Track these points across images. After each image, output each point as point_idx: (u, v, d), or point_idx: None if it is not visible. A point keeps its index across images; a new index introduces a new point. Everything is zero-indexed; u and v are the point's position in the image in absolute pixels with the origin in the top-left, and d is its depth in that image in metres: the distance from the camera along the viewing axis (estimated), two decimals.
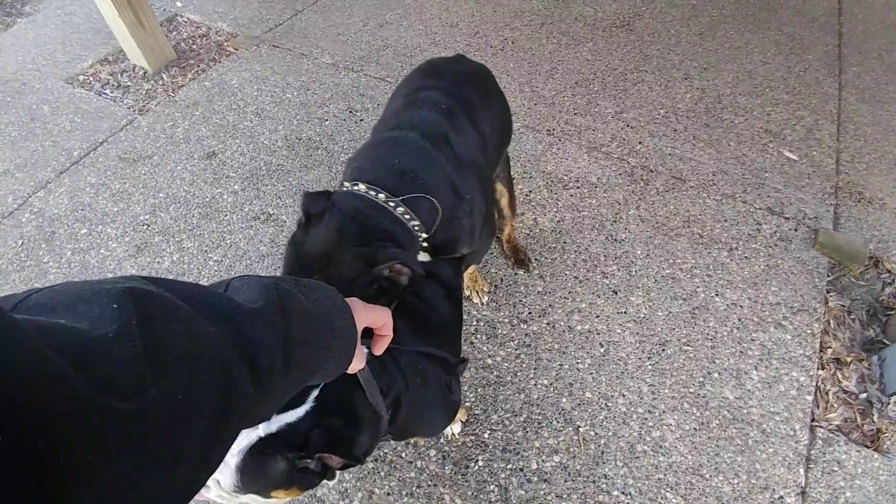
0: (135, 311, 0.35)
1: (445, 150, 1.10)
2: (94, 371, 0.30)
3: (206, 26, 2.92)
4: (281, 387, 0.48)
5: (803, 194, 2.02)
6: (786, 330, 1.62)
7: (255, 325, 0.45)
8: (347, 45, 2.76)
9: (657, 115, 2.35)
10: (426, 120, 1.12)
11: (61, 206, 2.05)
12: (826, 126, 2.30)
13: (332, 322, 0.57)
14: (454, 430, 1.43)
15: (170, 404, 0.34)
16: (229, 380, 0.40)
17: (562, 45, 2.74)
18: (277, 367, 0.46)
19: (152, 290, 0.38)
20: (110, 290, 0.36)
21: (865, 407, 1.48)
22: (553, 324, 1.66)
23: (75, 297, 0.35)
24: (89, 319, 0.33)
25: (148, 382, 0.33)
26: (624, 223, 1.92)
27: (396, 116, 1.16)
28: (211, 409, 0.37)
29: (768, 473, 1.35)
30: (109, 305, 0.34)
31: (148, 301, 0.37)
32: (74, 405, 0.28)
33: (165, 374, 0.34)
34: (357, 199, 1.00)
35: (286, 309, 0.49)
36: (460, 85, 1.22)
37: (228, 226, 1.95)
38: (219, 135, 2.30)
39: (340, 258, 0.93)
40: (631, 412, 1.47)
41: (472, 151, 1.17)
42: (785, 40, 2.76)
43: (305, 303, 0.53)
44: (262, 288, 0.49)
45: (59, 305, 0.35)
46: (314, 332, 0.53)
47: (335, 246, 0.94)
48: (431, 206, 1.05)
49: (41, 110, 2.45)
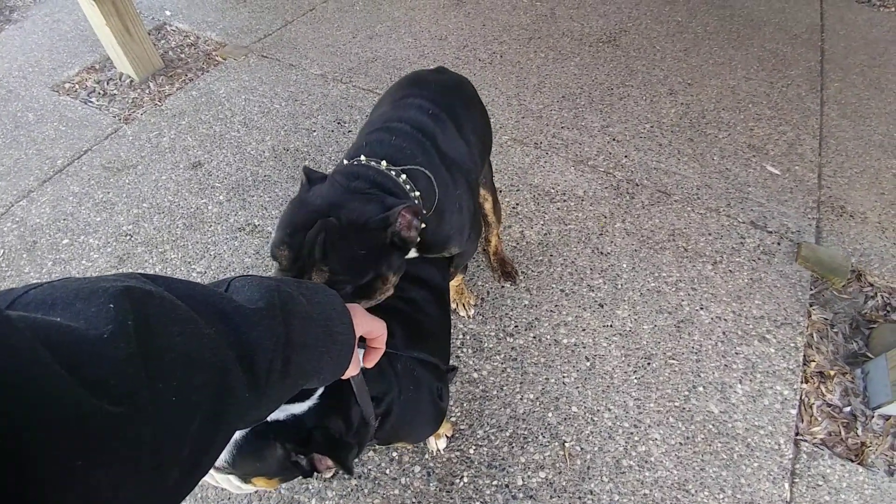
0: (132, 312, 0.34)
1: (434, 146, 1.11)
2: (87, 373, 0.30)
3: (195, 35, 2.92)
4: (277, 390, 0.47)
5: (786, 208, 2.05)
6: (769, 343, 1.63)
7: (254, 326, 0.45)
8: (336, 57, 2.76)
9: (642, 130, 2.37)
10: (415, 118, 1.14)
11: (43, 215, 2.01)
12: (808, 141, 2.34)
13: (332, 327, 0.56)
14: (439, 447, 1.41)
15: (163, 407, 0.33)
16: (225, 383, 0.40)
17: (549, 60, 2.77)
18: (275, 371, 0.46)
19: (151, 290, 0.38)
20: (108, 289, 0.35)
21: (849, 420, 1.49)
22: (539, 337, 1.65)
23: (73, 294, 0.35)
24: (86, 318, 0.33)
25: (141, 385, 0.32)
26: (610, 236, 1.93)
27: (384, 117, 1.18)
28: (205, 411, 0.37)
29: (753, 488, 1.35)
30: (106, 305, 0.34)
31: (145, 301, 0.36)
32: (65, 408, 0.28)
33: (160, 377, 0.34)
34: (359, 167, 1.00)
35: (287, 311, 0.49)
36: (444, 95, 1.25)
37: (213, 237, 1.93)
38: (205, 144, 2.28)
39: (349, 205, 0.89)
40: (617, 427, 1.46)
41: (460, 155, 1.19)
42: (768, 56, 2.82)
43: (306, 306, 0.52)
44: (263, 289, 0.49)
45: (58, 302, 0.34)
46: (314, 336, 0.52)
47: (342, 195, 0.91)
48: (429, 182, 1.05)
49: (26, 118, 2.42)
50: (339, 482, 1.37)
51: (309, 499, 1.34)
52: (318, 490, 1.35)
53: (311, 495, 1.35)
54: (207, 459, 0.38)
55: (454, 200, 1.13)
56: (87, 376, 0.30)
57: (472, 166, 1.24)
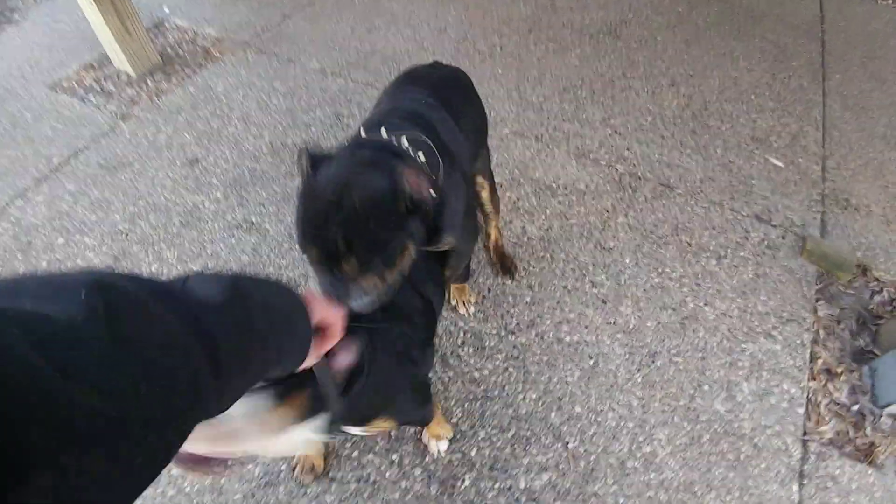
0: (101, 301, 0.34)
1: (434, 132, 1.11)
2: (62, 360, 0.30)
3: (193, 31, 2.88)
4: (239, 382, 0.48)
5: (790, 201, 2.01)
6: (776, 340, 1.60)
7: (215, 320, 0.45)
8: (335, 51, 2.73)
9: (644, 122, 2.34)
10: (413, 108, 1.15)
11: (39, 214, 1.99)
12: (811, 133, 2.31)
13: (291, 319, 0.58)
14: (440, 449, 1.39)
15: (131, 395, 0.33)
16: (192, 371, 0.40)
17: (549, 52, 2.73)
18: (237, 363, 0.46)
19: (117, 283, 0.38)
20: (78, 279, 0.35)
21: (858, 419, 1.46)
22: (541, 335, 1.63)
23: (42, 285, 0.35)
24: (56, 306, 0.33)
25: (112, 372, 0.32)
26: (612, 231, 1.90)
27: (382, 112, 1.19)
28: (171, 399, 0.37)
29: (761, 490, 1.33)
30: (77, 294, 0.34)
31: (114, 292, 0.37)
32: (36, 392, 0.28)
33: (130, 363, 0.34)
34: (360, 139, 1.00)
35: (246, 305, 0.50)
36: (441, 89, 1.26)
37: (210, 234, 1.91)
38: (202, 141, 2.25)
39: (359, 182, 0.87)
40: (621, 427, 1.44)
41: (457, 146, 1.18)
42: (769, 48, 2.77)
43: (264, 300, 0.54)
44: (221, 284, 0.49)
45: (24, 292, 0.34)
46: (273, 329, 0.54)
47: (350, 173, 0.89)
48: (430, 149, 1.03)
49: (23, 117, 2.39)
50: (338, 485, 1.35)
51: (308, 503, 1.32)
52: (316, 494, 1.33)
53: (309, 500, 1.33)
54: (171, 449, 0.39)
55: (452, 185, 1.11)
56: (61, 361, 0.30)
57: (467, 157, 1.24)
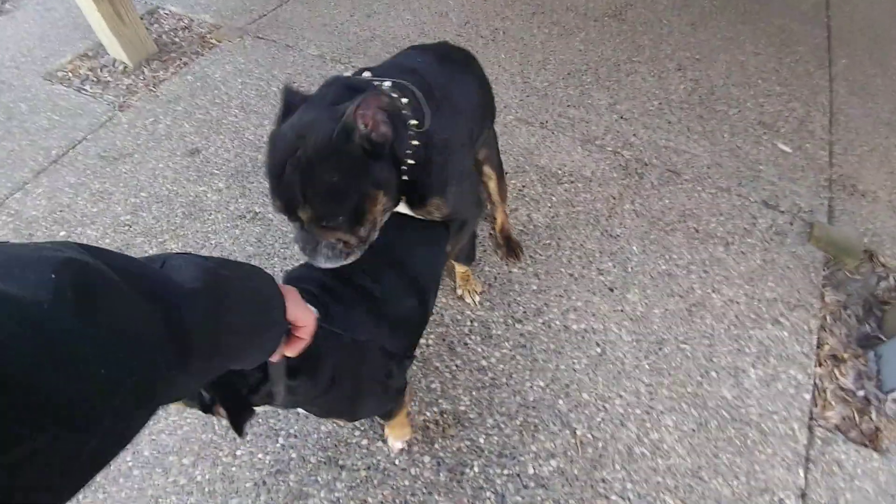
0: (70, 284, 0.35)
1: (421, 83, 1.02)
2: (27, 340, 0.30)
3: (189, 18, 2.83)
4: (204, 370, 0.48)
5: (798, 187, 2.00)
6: (783, 327, 1.60)
7: (188, 306, 0.45)
8: (334, 36, 2.68)
9: (651, 107, 2.31)
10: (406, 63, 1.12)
11: (39, 207, 1.97)
12: (818, 118, 2.28)
13: (265, 312, 0.57)
14: (394, 448, 1.37)
15: (94, 379, 0.34)
16: (154, 359, 0.40)
17: (553, 36, 2.69)
18: (204, 351, 0.46)
19: (89, 262, 0.38)
20: (49, 258, 0.35)
21: (863, 405, 1.47)
22: (548, 323, 1.62)
23: (12, 260, 0.35)
24: (25, 286, 0.33)
25: (77, 356, 0.33)
26: (619, 218, 1.89)
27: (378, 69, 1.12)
28: (130, 385, 0.37)
29: (768, 475, 1.34)
30: (47, 274, 0.34)
31: (85, 273, 0.37)
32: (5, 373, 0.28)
33: (94, 350, 0.34)
34: (340, 78, 0.94)
35: (222, 294, 0.50)
36: (445, 59, 1.22)
37: (213, 225, 1.89)
38: (202, 130, 2.23)
39: (315, 126, 0.81)
40: (628, 413, 1.44)
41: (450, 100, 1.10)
42: (776, 32, 2.73)
43: (242, 290, 0.53)
44: (200, 270, 0.49)
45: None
46: (246, 320, 0.53)
47: (312, 117, 0.83)
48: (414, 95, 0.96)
49: (19, 108, 2.36)
50: (347, 472, 1.36)
51: (318, 490, 1.33)
52: (327, 482, 1.34)
53: (320, 487, 1.34)
54: (129, 432, 0.39)
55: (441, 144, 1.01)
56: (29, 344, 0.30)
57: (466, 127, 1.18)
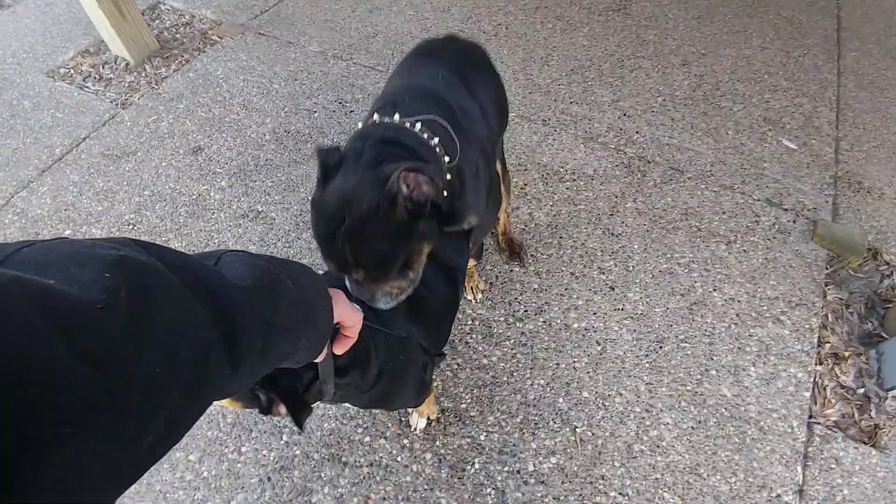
0: (125, 283, 0.35)
1: (448, 109, 1.07)
2: (79, 341, 0.30)
3: (190, 14, 2.83)
4: (254, 368, 0.49)
5: (802, 185, 1.99)
6: (784, 325, 1.61)
7: (240, 305, 0.45)
8: (336, 33, 2.68)
9: (654, 104, 2.30)
10: (426, 85, 1.12)
11: (44, 205, 1.99)
12: (825, 113, 2.26)
13: (314, 312, 0.58)
14: (419, 426, 1.42)
15: (146, 379, 0.34)
16: (206, 359, 0.41)
17: (557, 31, 2.67)
18: (255, 350, 0.47)
19: (144, 261, 0.39)
20: (104, 257, 0.36)
21: (863, 402, 1.47)
22: (549, 322, 1.63)
23: (69, 258, 0.35)
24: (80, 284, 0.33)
25: (129, 356, 0.33)
26: (621, 216, 1.89)
27: (394, 89, 1.16)
28: (184, 385, 0.38)
29: (766, 472, 1.35)
30: (102, 273, 0.34)
31: (139, 272, 0.37)
32: (56, 374, 0.28)
33: (146, 349, 0.35)
34: (370, 128, 0.97)
35: (274, 293, 0.50)
36: (454, 59, 1.23)
37: (216, 224, 1.91)
38: (204, 129, 2.23)
39: (358, 195, 0.85)
40: (628, 411, 1.45)
41: (473, 120, 1.14)
42: (783, 24, 2.70)
43: (292, 289, 0.53)
44: (253, 268, 0.49)
45: (52, 265, 0.34)
46: (296, 320, 0.54)
47: (353, 183, 0.86)
48: (446, 131, 1.01)
49: (22, 105, 2.37)
50: (350, 469, 1.38)
51: (322, 486, 1.36)
52: (330, 478, 1.36)
53: (323, 483, 1.36)
54: (180, 430, 0.40)
55: (471, 164, 1.09)
56: (80, 344, 0.30)
57: (486, 132, 1.20)
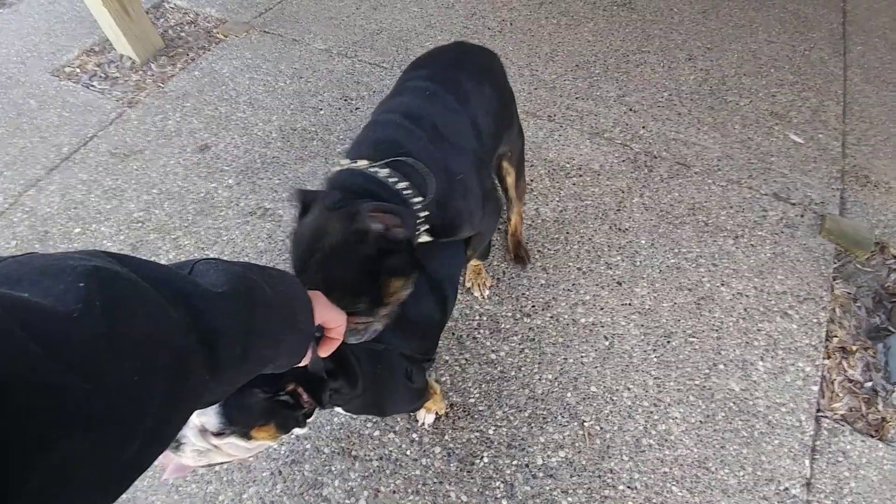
0: (99, 293, 0.35)
1: (429, 130, 1.09)
2: (58, 350, 0.31)
3: (194, 12, 2.83)
4: (235, 374, 0.49)
5: (809, 179, 1.99)
6: (792, 319, 1.61)
7: (217, 311, 0.46)
8: (340, 30, 2.68)
9: (660, 98, 2.30)
10: (407, 104, 1.13)
11: (53, 204, 2.00)
12: (832, 107, 2.26)
13: (294, 316, 0.58)
14: (427, 421, 1.43)
15: (126, 386, 0.35)
16: (186, 365, 0.41)
17: (562, 26, 2.66)
18: (235, 356, 0.47)
19: (118, 271, 0.39)
20: (77, 268, 0.36)
21: (870, 396, 1.47)
22: (557, 317, 1.64)
23: (40, 271, 0.36)
24: (54, 296, 0.34)
25: (108, 364, 0.34)
26: (628, 212, 1.89)
27: (382, 106, 1.19)
28: (165, 392, 0.38)
29: (774, 465, 1.35)
30: (76, 284, 0.35)
31: (113, 282, 0.37)
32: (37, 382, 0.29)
33: (124, 357, 0.35)
34: (340, 174, 1.01)
35: (251, 298, 0.50)
36: (448, 70, 1.23)
37: (224, 221, 1.92)
38: (211, 127, 2.24)
39: (328, 230, 0.90)
40: (636, 406, 1.46)
41: (460, 134, 1.15)
42: (790, 18, 2.69)
43: (270, 294, 0.53)
44: (228, 274, 0.49)
45: (24, 278, 0.35)
46: (275, 324, 0.54)
47: (324, 220, 0.91)
48: (415, 171, 1.02)
49: (28, 105, 2.38)
50: (360, 463, 1.39)
51: (332, 480, 1.37)
52: (340, 472, 1.37)
53: (333, 476, 1.37)
54: (165, 436, 0.41)
55: (456, 185, 1.10)
56: (59, 353, 0.31)
57: (475, 145, 1.19)
